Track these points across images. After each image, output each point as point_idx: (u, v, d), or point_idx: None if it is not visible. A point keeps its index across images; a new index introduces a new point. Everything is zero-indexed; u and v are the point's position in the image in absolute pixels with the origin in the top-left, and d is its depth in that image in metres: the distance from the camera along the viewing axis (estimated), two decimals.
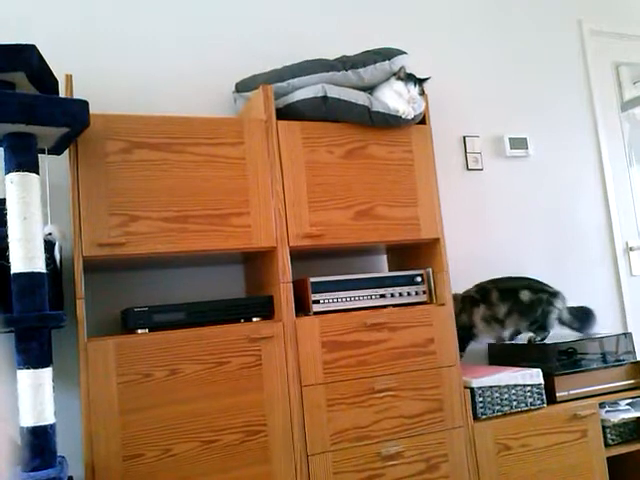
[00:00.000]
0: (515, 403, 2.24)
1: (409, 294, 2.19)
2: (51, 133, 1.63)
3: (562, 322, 2.55)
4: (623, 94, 3.38)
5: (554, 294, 2.53)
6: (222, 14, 2.52)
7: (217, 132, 1.97)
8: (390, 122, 2.15)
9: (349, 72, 2.13)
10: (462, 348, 2.37)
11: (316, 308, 2.05)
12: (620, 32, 3.39)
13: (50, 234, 1.73)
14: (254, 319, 1.99)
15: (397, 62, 2.17)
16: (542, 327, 2.48)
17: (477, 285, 2.55)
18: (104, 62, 2.30)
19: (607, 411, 2.39)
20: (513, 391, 2.24)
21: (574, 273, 3.00)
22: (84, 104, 1.63)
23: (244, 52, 2.51)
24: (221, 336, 1.86)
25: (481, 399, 2.18)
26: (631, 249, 3.19)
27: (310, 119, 2.10)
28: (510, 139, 2.96)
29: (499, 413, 2.20)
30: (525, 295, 2.51)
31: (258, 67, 2.37)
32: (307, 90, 2.11)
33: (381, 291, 2.15)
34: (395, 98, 2.14)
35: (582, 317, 2.59)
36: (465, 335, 2.47)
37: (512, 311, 2.50)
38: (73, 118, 1.60)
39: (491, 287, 2.53)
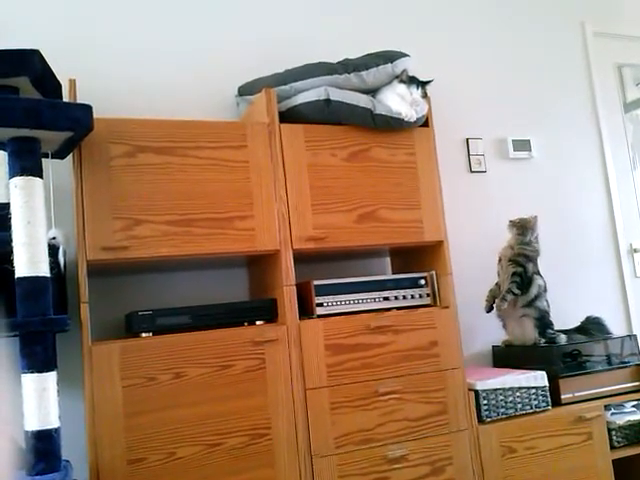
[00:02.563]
0: (520, 405, 2.23)
1: (413, 297, 2.19)
2: (55, 137, 1.63)
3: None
4: (626, 95, 3.37)
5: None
6: (224, 19, 2.52)
7: (220, 136, 1.97)
8: (393, 125, 2.15)
9: (351, 75, 2.13)
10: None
11: (320, 311, 2.04)
12: (623, 34, 3.39)
13: (54, 238, 1.73)
14: (258, 322, 1.99)
15: (399, 65, 2.17)
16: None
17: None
18: (107, 66, 2.30)
19: (612, 413, 2.38)
20: (518, 393, 2.23)
21: (578, 275, 2.99)
22: (88, 108, 1.63)
23: (246, 56, 2.51)
24: (225, 339, 1.86)
25: (486, 402, 2.17)
26: (635, 250, 3.18)
27: (313, 122, 2.10)
28: (513, 141, 2.96)
29: (504, 416, 2.20)
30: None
31: (260, 71, 2.37)
32: (310, 93, 2.11)
33: (385, 294, 2.15)
34: (398, 101, 2.14)
35: (593, 328, 2.60)
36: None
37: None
38: (77, 122, 1.60)
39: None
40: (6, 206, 1.57)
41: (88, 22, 2.30)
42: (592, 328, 2.60)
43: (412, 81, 2.15)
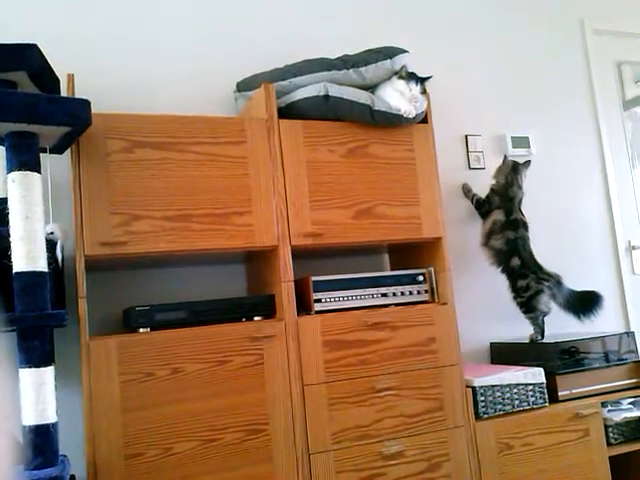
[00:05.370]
0: (517, 402, 2.23)
1: (411, 293, 2.19)
2: (53, 132, 1.63)
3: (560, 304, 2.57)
4: (625, 93, 3.37)
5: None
6: (223, 13, 2.52)
7: (219, 131, 1.97)
8: (392, 121, 2.15)
9: (350, 71, 2.13)
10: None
11: (318, 307, 2.05)
12: (622, 31, 3.38)
13: (52, 233, 1.73)
14: (256, 318, 1.99)
15: (398, 61, 2.16)
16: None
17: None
18: (106, 61, 2.30)
19: (609, 410, 2.39)
20: (515, 390, 2.24)
21: (576, 272, 2.98)
22: (86, 103, 1.63)
23: (245, 51, 2.51)
24: (223, 335, 1.86)
25: (483, 398, 2.18)
26: (633, 248, 3.19)
27: (312, 118, 2.10)
28: (512, 138, 2.96)
29: (501, 412, 2.20)
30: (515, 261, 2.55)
31: (259, 66, 2.37)
32: (309, 89, 2.11)
33: (383, 290, 2.15)
34: (397, 97, 2.14)
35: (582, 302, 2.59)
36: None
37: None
38: (75, 117, 1.60)
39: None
40: (4, 201, 1.57)
41: (87, 17, 2.30)
42: (580, 304, 2.58)
43: (411, 77, 2.14)
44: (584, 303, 2.58)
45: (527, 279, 2.51)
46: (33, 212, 1.53)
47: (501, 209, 2.59)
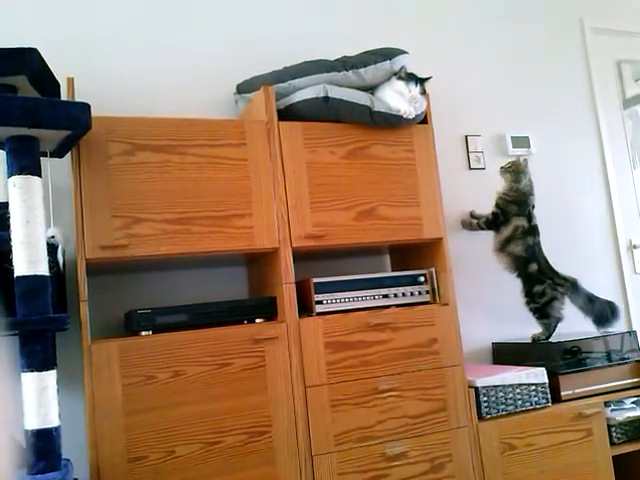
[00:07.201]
0: (520, 402, 2.23)
1: (412, 294, 2.19)
2: (53, 136, 1.63)
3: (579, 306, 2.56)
4: (625, 91, 3.37)
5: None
6: (222, 16, 2.52)
7: (219, 133, 1.97)
8: (392, 122, 2.15)
9: (349, 72, 2.13)
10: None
11: (319, 309, 2.04)
12: (622, 29, 3.38)
13: (53, 237, 1.73)
14: (257, 320, 1.99)
15: (398, 62, 2.16)
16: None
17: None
18: (105, 65, 2.30)
19: (612, 410, 2.38)
20: (518, 390, 2.23)
21: (577, 271, 2.98)
22: (86, 107, 1.63)
23: (245, 53, 2.51)
24: (224, 337, 1.86)
25: (485, 398, 2.17)
26: (635, 247, 3.18)
27: (311, 120, 2.10)
28: (512, 138, 2.96)
29: (504, 412, 2.20)
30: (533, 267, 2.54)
31: (259, 68, 2.37)
32: (308, 91, 2.11)
33: (384, 291, 2.15)
34: (396, 98, 2.14)
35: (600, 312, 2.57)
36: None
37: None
38: (75, 121, 1.60)
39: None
40: (5, 205, 1.57)
41: (86, 21, 2.30)
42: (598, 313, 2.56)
43: (410, 78, 2.15)
44: (601, 313, 2.56)
45: (544, 285, 2.50)
46: (34, 216, 1.53)
47: (521, 216, 2.56)
